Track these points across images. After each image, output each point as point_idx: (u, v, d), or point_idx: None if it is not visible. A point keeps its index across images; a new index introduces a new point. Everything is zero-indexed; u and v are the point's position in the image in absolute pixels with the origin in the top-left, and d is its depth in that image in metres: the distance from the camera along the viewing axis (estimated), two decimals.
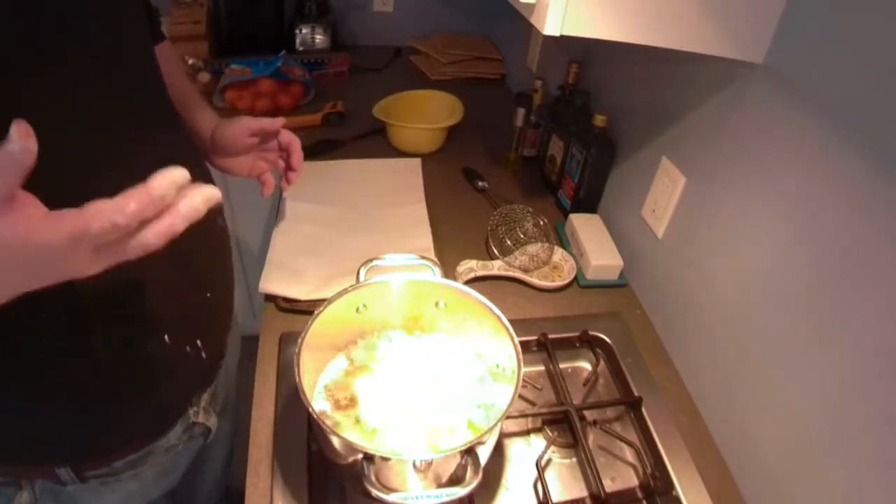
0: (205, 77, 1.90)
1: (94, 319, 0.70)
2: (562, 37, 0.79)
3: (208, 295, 0.88)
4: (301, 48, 2.22)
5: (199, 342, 0.86)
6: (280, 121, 1.08)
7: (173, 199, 0.49)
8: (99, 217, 0.45)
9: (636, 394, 1.01)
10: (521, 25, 1.93)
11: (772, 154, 0.85)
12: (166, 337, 0.79)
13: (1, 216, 0.44)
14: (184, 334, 0.83)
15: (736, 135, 0.92)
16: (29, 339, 0.66)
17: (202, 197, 0.51)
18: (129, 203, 0.46)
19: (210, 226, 0.91)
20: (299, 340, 0.81)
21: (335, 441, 0.74)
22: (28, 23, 0.60)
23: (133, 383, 0.78)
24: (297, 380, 0.76)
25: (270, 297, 1.17)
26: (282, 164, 1.17)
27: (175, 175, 0.48)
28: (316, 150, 1.68)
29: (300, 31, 2.19)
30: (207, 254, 0.90)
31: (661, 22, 0.81)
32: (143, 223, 0.48)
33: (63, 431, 0.76)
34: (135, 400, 0.80)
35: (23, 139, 0.42)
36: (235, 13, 2.10)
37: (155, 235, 0.49)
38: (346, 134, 1.77)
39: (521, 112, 1.58)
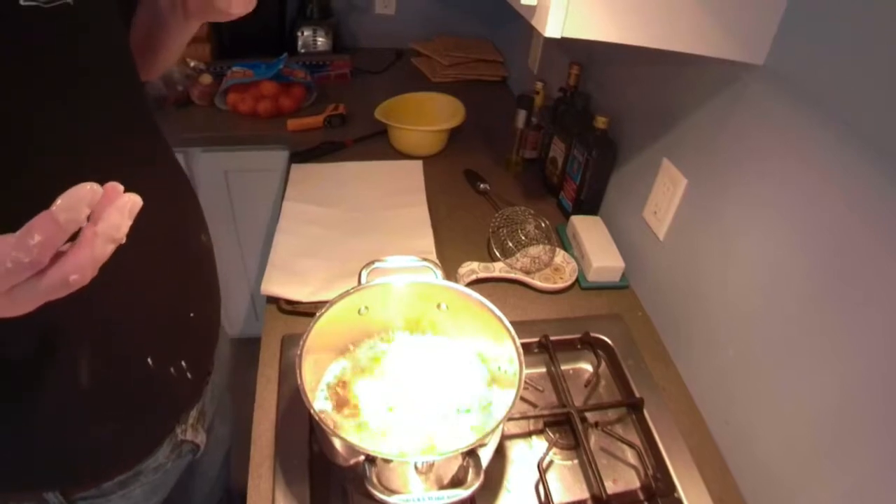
0: (207, 79, 1.90)
1: (74, 344, 0.68)
2: (563, 39, 0.79)
3: (192, 315, 0.87)
4: (303, 50, 2.22)
5: (183, 363, 0.85)
6: None
7: (85, 220, 0.42)
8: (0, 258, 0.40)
9: (637, 395, 1.01)
10: (523, 27, 1.93)
11: (773, 155, 0.85)
12: (149, 360, 0.78)
13: None
14: (167, 356, 0.82)
15: (737, 136, 0.93)
16: (8, 365, 0.64)
17: (119, 211, 0.44)
18: (32, 236, 0.40)
19: (193, 244, 0.90)
20: (301, 342, 0.81)
21: (337, 443, 0.74)
22: (6, 56, 0.59)
23: (117, 407, 0.77)
24: (299, 381, 0.76)
25: (272, 299, 1.18)
26: None
27: (82, 192, 0.41)
28: (318, 152, 1.69)
29: (302, 33, 2.20)
30: (191, 273, 0.89)
31: (661, 23, 0.81)
32: (58, 255, 0.42)
33: (48, 457, 0.74)
34: (120, 423, 0.79)
35: None
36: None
37: (78, 271, 0.43)
38: (347, 136, 1.77)
39: (522, 114, 1.58)
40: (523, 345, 0.84)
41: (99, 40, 0.73)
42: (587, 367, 1.12)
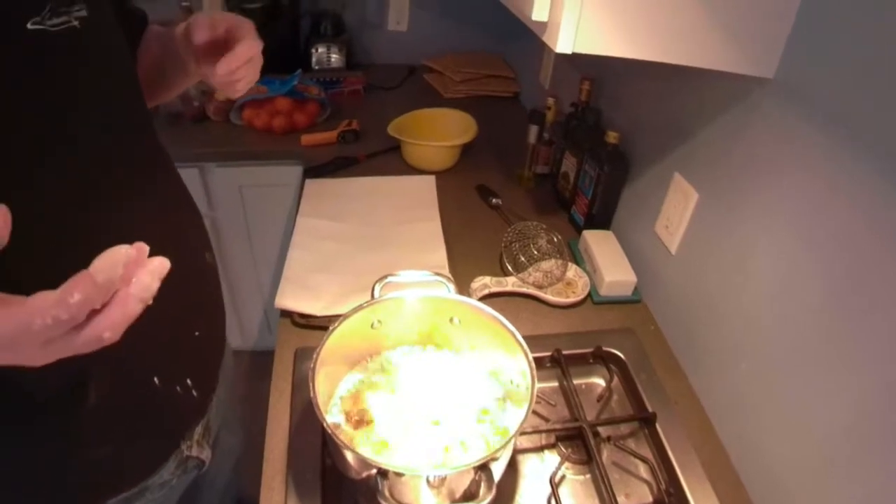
0: (222, 95, 1.93)
1: (80, 364, 0.69)
2: (574, 54, 0.80)
3: (197, 334, 0.88)
4: (317, 67, 2.25)
5: (189, 381, 0.86)
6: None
7: (121, 280, 0.45)
8: (40, 313, 0.43)
9: (650, 410, 1.01)
10: (534, 43, 1.94)
11: (785, 169, 0.85)
12: (156, 379, 0.78)
13: None
14: (173, 375, 0.83)
15: (748, 150, 0.93)
16: (15, 386, 0.64)
17: (151, 274, 0.47)
18: (72, 294, 0.43)
19: (198, 264, 0.91)
20: (314, 356, 0.82)
21: (349, 456, 0.74)
22: (10, 78, 0.60)
23: (123, 426, 0.78)
24: (312, 394, 0.77)
25: (286, 313, 1.18)
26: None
27: (118, 255, 0.45)
28: (331, 168, 1.70)
29: (316, 50, 2.23)
30: (196, 293, 0.90)
31: (671, 38, 0.82)
32: (93, 313, 0.45)
33: (53, 476, 0.75)
34: (125, 442, 0.79)
35: (2, 224, 0.41)
36: None
37: (111, 329, 0.46)
38: (361, 151, 1.79)
39: (534, 129, 1.59)
40: (535, 359, 0.84)
41: (104, 64, 0.74)
42: (600, 382, 1.12)
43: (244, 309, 2.22)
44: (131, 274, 0.46)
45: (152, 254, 0.48)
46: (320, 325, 1.13)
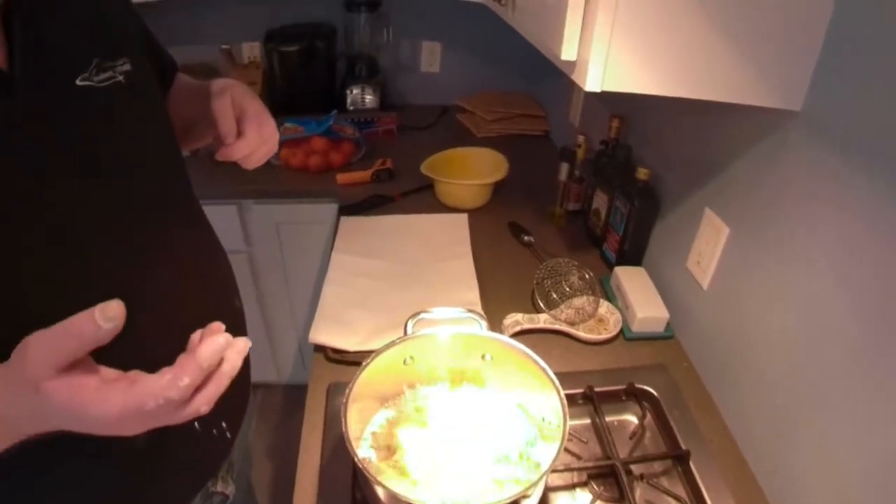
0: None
1: None
2: (603, 92, 0.82)
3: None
4: (352, 107, 2.31)
5: (224, 424, 0.88)
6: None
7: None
8: (153, 396, 0.48)
9: (683, 447, 0.99)
10: (564, 82, 1.97)
11: (815, 202, 0.85)
12: (196, 424, 0.81)
13: (60, 382, 0.45)
14: (210, 419, 0.84)
15: (778, 184, 0.93)
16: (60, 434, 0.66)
17: (238, 353, 0.56)
18: (182, 379, 0.49)
19: (230, 310, 0.93)
20: (347, 390, 0.83)
21: (380, 491, 0.75)
22: (60, 133, 0.63)
23: (161, 469, 0.79)
24: (344, 429, 0.78)
25: (320, 348, 1.20)
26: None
27: (220, 344, 0.53)
28: (366, 206, 1.74)
29: (351, 91, 2.29)
30: None
31: (698, 74, 0.83)
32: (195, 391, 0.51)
33: None
34: (160, 483, 0.81)
35: (118, 319, 0.44)
36: (290, 74, 2.21)
37: (207, 403, 0.53)
38: (395, 190, 1.82)
39: (564, 167, 1.61)
40: (567, 396, 0.84)
41: (148, 116, 0.77)
42: (632, 419, 1.11)
43: (279, 343, 2.25)
44: (224, 358, 0.54)
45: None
46: (353, 361, 1.14)
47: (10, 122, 0.58)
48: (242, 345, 0.56)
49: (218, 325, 0.55)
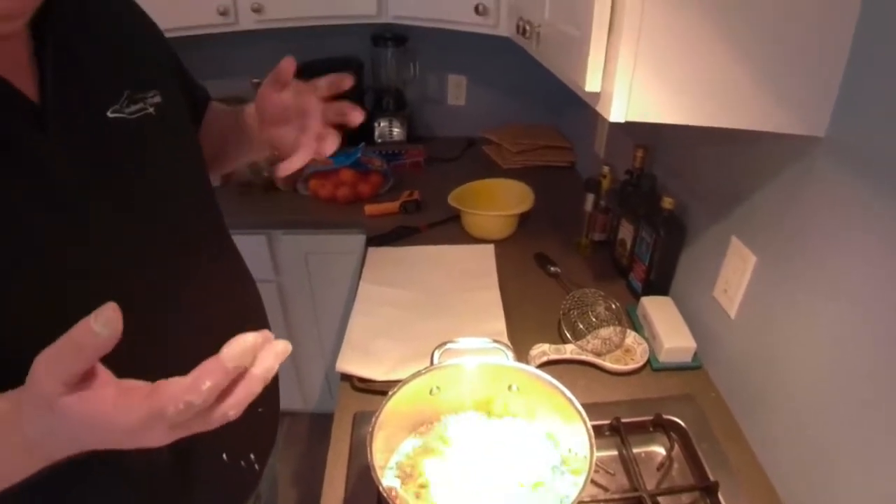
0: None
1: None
2: (627, 122, 0.83)
3: (260, 410, 0.90)
4: (380, 140, 2.35)
5: (252, 455, 0.89)
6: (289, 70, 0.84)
7: (248, 363, 0.48)
8: (173, 400, 0.45)
9: (712, 479, 0.98)
10: (588, 113, 1.98)
11: (843, 229, 0.84)
12: (224, 456, 0.82)
13: (75, 397, 0.44)
14: (240, 451, 0.86)
15: (805, 211, 0.93)
16: (88, 466, 0.63)
17: (275, 356, 0.50)
18: (204, 382, 0.45)
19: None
20: (373, 420, 0.84)
21: None
22: (92, 165, 0.64)
23: (189, 498, 0.80)
24: (370, 458, 0.78)
25: (346, 377, 1.21)
26: (328, 134, 0.90)
27: (247, 343, 0.47)
28: (393, 236, 1.76)
29: (379, 124, 2.34)
30: None
31: (721, 102, 0.83)
32: (221, 395, 0.47)
33: None
34: None
35: (113, 324, 0.42)
36: None
37: (235, 407, 0.48)
38: (422, 221, 1.84)
39: (590, 197, 1.62)
40: (594, 427, 0.84)
41: (178, 147, 0.79)
42: (660, 450, 1.10)
43: (306, 371, 2.27)
44: (257, 359, 0.49)
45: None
46: (380, 390, 1.15)
47: (42, 154, 0.60)
48: (282, 347, 0.50)
49: (266, 333, 0.50)
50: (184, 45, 1.01)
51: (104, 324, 0.41)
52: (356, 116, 0.86)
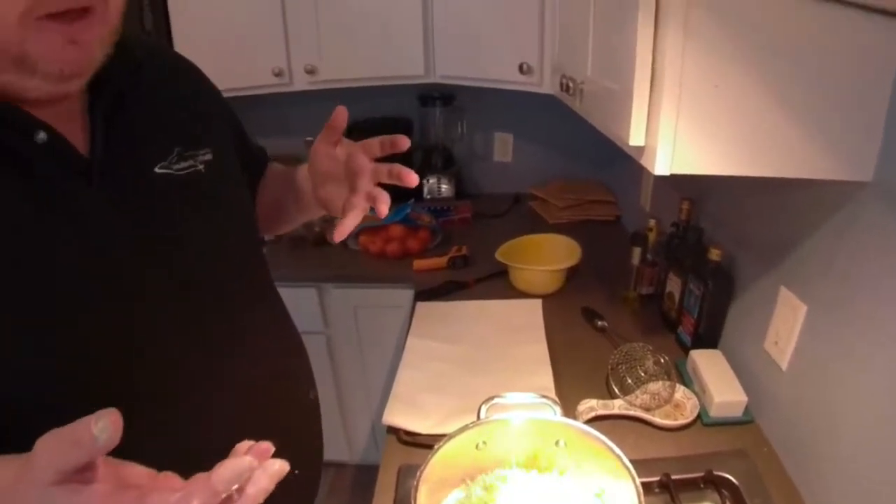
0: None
1: None
2: (672, 175, 0.83)
3: (296, 472, 0.90)
4: (428, 196, 2.41)
5: None
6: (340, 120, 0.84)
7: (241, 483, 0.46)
8: None
9: None
10: (633, 167, 1.99)
11: (892, 273, 0.83)
12: None
13: (66, 488, 0.43)
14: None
15: (855, 258, 0.91)
16: None
17: (270, 478, 0.49)
18: (191, 500, 0.43)
19: (304, 403, 0.95)
20: (418, 473, 0.84)
21: None
22: (131, 218, 0.65)
23: None
24: None
25: (393, 430, 1.22)
26: (379, 193, 0.87)
27: (241, 467, 0.46)
28: (442, 291, 1.78)
29: (427, 181, 2.40)
30: (297, 429, 0.92)
31: (764, 152, 0.83)
32: None
33: None
34: None
35: (110, 432, 0.41)
36: None
37: None
38: (470, 276, 1.86)
39: (637, 251, 1.62)
40: (643, 484, 0.83)
41: (225, 203, 0.80)
42: None
43: (352, 423, 2.28)
44: (249, 481, 0.47)
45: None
46: (426, 444, 1.15)
47: (87, 207, 0.62)
48: (278, 468, 0.49)
49: (267, 446, 0.50)
50: (241, 105, 1.07)
51: (102, 429, 0.40)
52: (412, 179, 0.85)
